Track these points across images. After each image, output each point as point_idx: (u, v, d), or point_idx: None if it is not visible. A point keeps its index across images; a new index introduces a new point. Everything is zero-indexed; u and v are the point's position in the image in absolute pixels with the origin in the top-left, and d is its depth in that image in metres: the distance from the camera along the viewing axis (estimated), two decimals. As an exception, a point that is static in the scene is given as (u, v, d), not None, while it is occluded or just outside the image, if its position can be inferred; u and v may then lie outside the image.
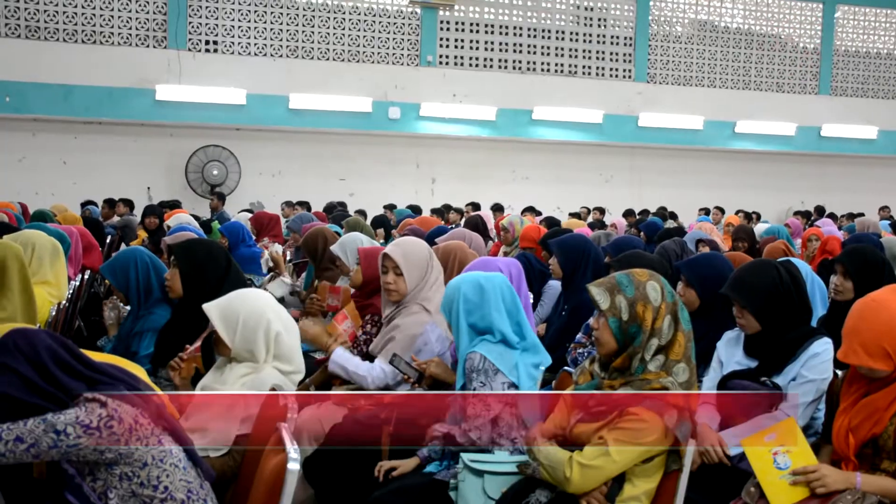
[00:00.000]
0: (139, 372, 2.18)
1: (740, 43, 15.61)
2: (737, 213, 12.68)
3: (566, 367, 3.16)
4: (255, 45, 12.98)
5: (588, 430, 2.41)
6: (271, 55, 13.05)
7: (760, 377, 2.93)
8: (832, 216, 12.87)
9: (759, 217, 12.98)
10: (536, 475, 2.43)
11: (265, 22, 13.00)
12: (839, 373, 2.81)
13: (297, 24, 13.18)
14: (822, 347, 2.85)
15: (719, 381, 3.06)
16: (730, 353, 3.10)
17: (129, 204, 10.85)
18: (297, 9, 13.17)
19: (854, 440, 2.48)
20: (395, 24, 13.66)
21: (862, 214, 11.97)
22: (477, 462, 2.60)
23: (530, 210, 11.83)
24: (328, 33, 13.35)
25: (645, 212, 12.94)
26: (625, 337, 2.39)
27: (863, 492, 2.34)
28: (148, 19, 12.46)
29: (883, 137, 16.04)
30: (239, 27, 12.87)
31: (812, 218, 12.90)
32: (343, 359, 3.39)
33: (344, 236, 4.80)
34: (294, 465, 1.99)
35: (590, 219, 11.99)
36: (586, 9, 14.71)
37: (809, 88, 16.00)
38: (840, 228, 10.73)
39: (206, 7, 12.70)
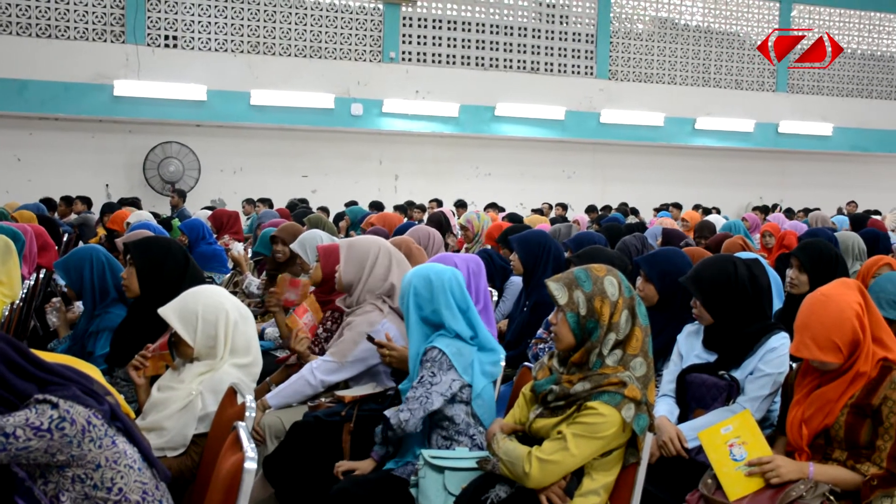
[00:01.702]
0: (93, 372, 2.14)
1: (700, 40, 15.79)
2: (695, 208, 12.84)
3: (527, 363, 3.16)
4: (216, 40, 12.83)
5: (547, 425, 2.42)
6: (232, 51, 12.91)
7: (718, 371, 2.97)
8: (789, 211, 13.09)
9: (718, 211, 13.14)
10: (496, 470, 2.43)
11: (226, 17, 12.86)
12: (794, 365, 2.85)
13: (258, 20, 13.05)
14: (780, 342, 2.89)
15: (678, 374, 3.10)
16: (689, 346, 3.14)
17: (86, 201, 10.68)
18: (259, 4, 13.04)
19: (807, 431, 2.53)
20: (357, 20, 13.60)
21: (818, 209, 12.19)
22: (437, 458, 2.61)
23: (493, 206, 11.86)
24: (290, 29, 13.24)
25: (607, 207, 13.06)
26: (583, 332, 2.40)
27: (815, 481, 2.39)
28: (105, 13, 12.24)
29: (838, 134, 16.35)
30: (199, 22, 12.70)
31: (769, 212, 13.11)
32: (276, 397, 3.42)
33: (303, 234, 4.78)
34: (251, 465, 1.97)
35: (552, 214, 12.05)
36: (548, 6, 14.77)
37: (767, 86, 16.24)
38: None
39: (165, 1, 12.51)
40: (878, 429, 2.41)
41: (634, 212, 13.26)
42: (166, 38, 12.55)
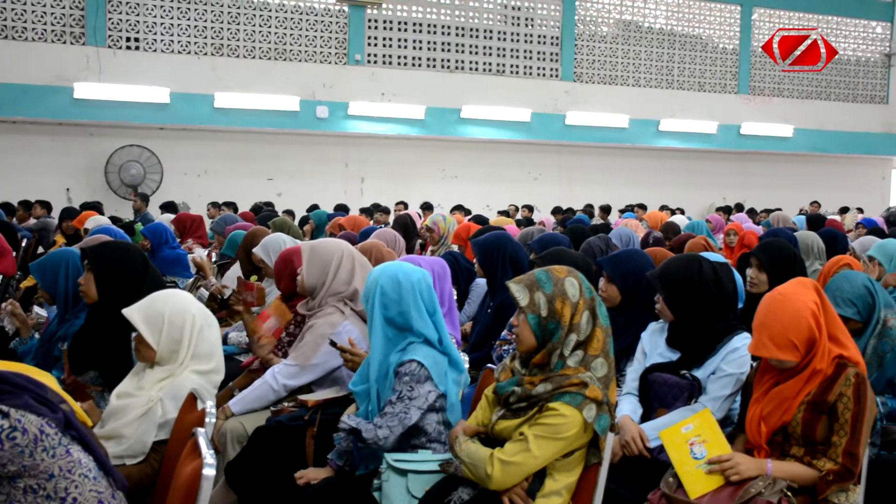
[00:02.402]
0: (47, 380, 2.09)
1: (663, 43, 15.96)
2: (660, 208, 12.96)
3: (490, 365, 3.16)
4: (179, 42, 12.69)
5: (509, 427, 2.42)
6: (196, 53, 12.79)
7: (681, 370, 3.00)
8: (752, 211, 13.27)
9: (682, 212, 13.28)
10: (459, 473, 2.43)
11: (189, 19, 12.73)
12: (754, 365, 2.89)
13: (222, 22, 12.94)
14: (742, 342, 2.93)
15: (641, 373, 3.12)
16: (653, 344, 3.17)
17: (46, 206, 10.50)
18: (222, 6, 12.93)
19: (766, 428, 2.56)
20: (322, 22, 13.54)
21: (779, 209, 12.38)
22: (401, 462, 2.59)
23: (459, 208, 11.88)
24: (254, 31, 13.14)
25: (570, 210, 13.14)
26: (544, 333, 2.40)
27: (773, 477, 2.43)
28: (64, 14, 12.05)
29: (798, 135, 16.62)
30: (161, 24, 12.56)
31: (732, 213, 13.28)
32: (239, 403, 3.38)
33: (266, 238, 4.74)
34: (209, 471, 1.95)
35: (518, 216, 12.09)
36: (514, 8, 14.83)
37: (729, 88, 16.45)
38: (759, 223, 11.08)
39: (127, 3, 12.35)
40: (833, 425, 2.46)
41: (606, 210, 13.38)
42: (128, 39, 12.39)
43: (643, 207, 13.36)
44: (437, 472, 2.54)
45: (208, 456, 2.00)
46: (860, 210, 14.05)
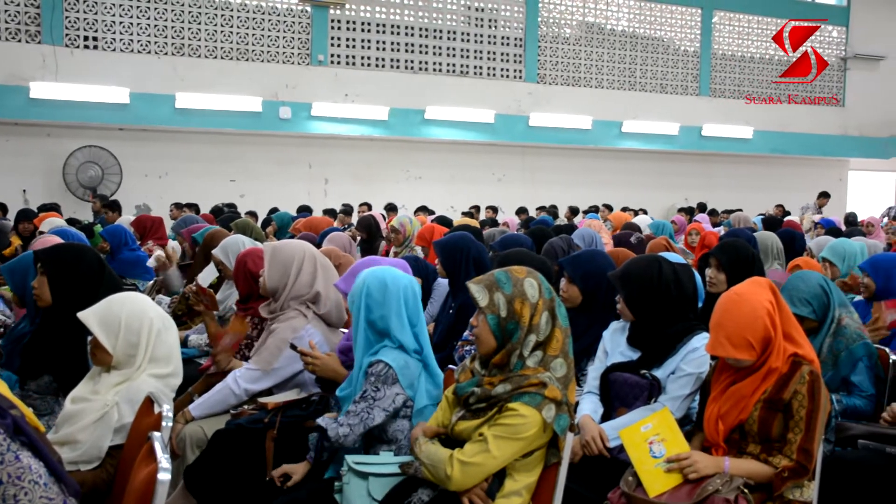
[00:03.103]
0: (-2, 385, 2.05)
1: (626, 45, 16.09)
2: (623, 209, 13.08)
3: (452, 366, 3.16)
4: (139, 41, 12.51)
5: (469, 427, 2.42)
6: (156, 52, 12.62)
7: (641, 369, 3.02)
8: (713, 212, 13.44)
9: (645, 212, 13.40)
10: (418, 474, 2.42)
11: (149, 18, 12.55)
12: (712, 364, 2.92)
13: (182, 21, 12.78)
14: (701, 342, 2.95)
15: (602, 373, 3.14)
16: (615, 343, 3.19)
17: (2, 208, 10.31)
18: (183, 5, 12.78)
19: (723, 427, 2.60)
20: (285, 22, 13.44)
21: (740, 210, 12.54)
22: (361, 464, 2.57)
23: (423, 209, 11.87)
24: (216, 31, 13.01)
25: (523, 210, 13.22)
26: (503, 334, 2.41)
27: (730, 475, 2.46)
28: (19, 11, 11.81)
29: (758, 137, 16.87)
30: (120, 23, 12.37)
31: (694, 214, 13.44)
32: (199, 407, 3.36)
33: (226, 239, 4.70)
34: (164, 476, 1.92)
35: (482, 217, 12.12)
36: (477, 9, 14.86)
37: (691, 90, 16.65)
38: (720, 224, 11.24)
39: (84, 1, 12.15)
40: (788, 422, 2.49)
41: (574, 211, 13.48)
42: (86, 38, 12.18)
43: (609, 208, 13.48)
44: (397, 475, 2.52)
45: (163, 460, 1.97)
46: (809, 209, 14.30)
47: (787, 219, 11.03)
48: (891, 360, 3.38)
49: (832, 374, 3.26)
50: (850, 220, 11.82)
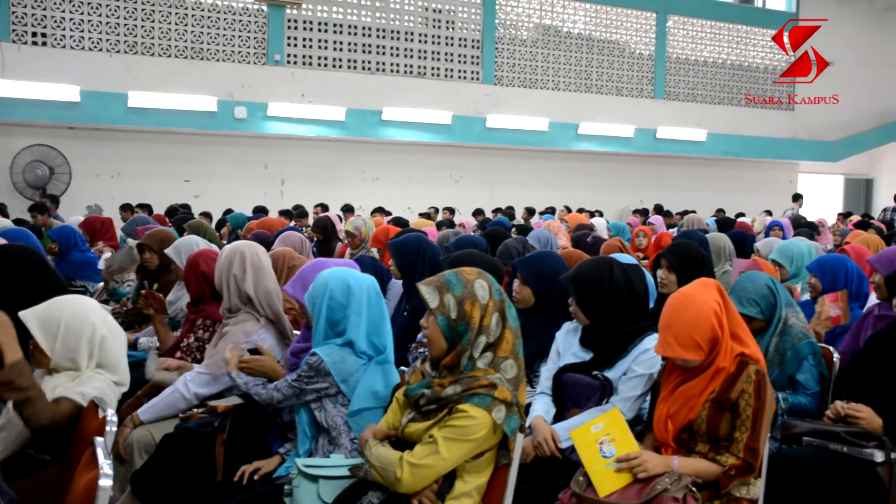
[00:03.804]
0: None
1: (582, 48, 16.23)
2: (579, 210, 13.18)
3: (404, 367, 3.15)
4: (90, 39, 12.27)
5: (419, 429, 2.41)
6: (108, 50, 12.38)
7: (593, 370, 3.04)
8: (667, 213, 13.62)
9: (601, 214, 13.53)
10: (369, 477, 2.41)
11: (100, 15, 12.31)
12: (664, 364, 2.95)
13: (135, 18, 12.57)
14: (652, 343, 2.97)
15: (554, 374, 3.15)
16: (567, 344, 3.21)
17: (-54, 208, 10.02)
18: (136, 2, 12.56)
19: (672, 426, 2.62)
20: (240, 21, 13.30)
21: (694, 211, 12.73)
22: (311, 467, 2.56)
23: (380, 210, 11.84)
24: (170, 29, 12.82)
25: (479, 211, 13.27)
26: (454, 335, 2.40)
27: (679, 473, 2.48)
28: (-37, 7, 11.52)
29: (711, 140, 17.14)
30: (70, 19, 12.12)
31: (649, 215, 13.60)
32: (148, 411, 3.33)
33: (179, 240, 4.64)
34: (106, 482, 1.88)
35: (440, 218, 12.12)
36: (434, 10, 14.86)
37: (646, 93, 16.85)
38: (674, 225, 11.39)
39: (33, -3, 11.88)
40: (735, 421, 2.53)
41: (531, 212, 13.54)
42: (34, 35, 11.90)
43: (569, 209, 13.58)
44: (348, 478, 2.51)
45: (105, 466, 1.93)
46: (769, 212, 14.56)
47: (739, 220, 11.22)
48: (834, 359, 3.46)
49: (778, 372, 3.32)
50: (800, 221, 12.06)
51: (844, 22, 18.39)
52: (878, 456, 2.70)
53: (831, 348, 3.54)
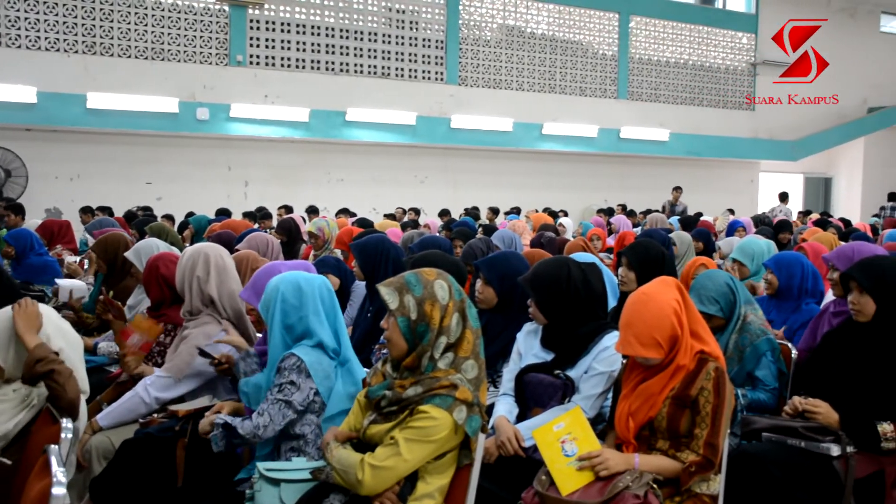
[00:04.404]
0: None
1: (546, 48, 16.30)
2: (543, 210, 13.25)
3: (367, 369, 3.14)
4: (47, 39, 12.06)
5: (381, 431, 2.40)
6: (65, 51, 12.18)
7: (555, 370, 3.05)
8: (631, 213, 13.74)
9: (566, 214, 13.62)
10: (330, 480, 2.39)
11: (57, 14, 12.10)
12: (624, 362, 2.97)
13: (94, 18, 12.37)
14: (612, 341, 2.98)
15: (516, 374, 3.16)
16: (528, 345, 3.22)
17: None
18: (94, 1, 12.36)
19: (633, 424, 2.64)
20: (202, 21, 13.15)
21: (657, 211, 12.86)
22: (272, 471, 2.53)
23: (345, 212, 11.79)
24: (129, 29, 12.64)
25: (445, 212, 13.28)
26: (414, 336, 2.39)
27: (640, 471, 2.50)
28: (-86, 7, 11.26)
29: (674, 140, 17.33)
30: (26, 18, 11.90)
31: (614, 214, 13.71)
32: (108, 417, 3.28)
33: (139, 243, 4.58)
34: (59, 490, 1.83)
35: (405, 219, 12.10)
36: (398, 11, 14.83)
37: (609, 93, 16.97)
38: (638, 225, 11.50)
39: (-15, -5, 11.65)
40: (695, 418, 2.55)
41: (495, 212, 13.58)
42: (-12, 35, 11.68)
43: (536, 211, 13.63)
44: (309, 481, 2.49)
45: (59, 474, 1.89)
46: (731, 211, 14.75)
47: (701, 219, 11.36)
48: (793, 355, 3.51)
49: (738, 369, 3.36)
50: (761, 219, 12.24)
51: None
52: (835, 450, 2.74)
53: (789, 344, 3.59)
